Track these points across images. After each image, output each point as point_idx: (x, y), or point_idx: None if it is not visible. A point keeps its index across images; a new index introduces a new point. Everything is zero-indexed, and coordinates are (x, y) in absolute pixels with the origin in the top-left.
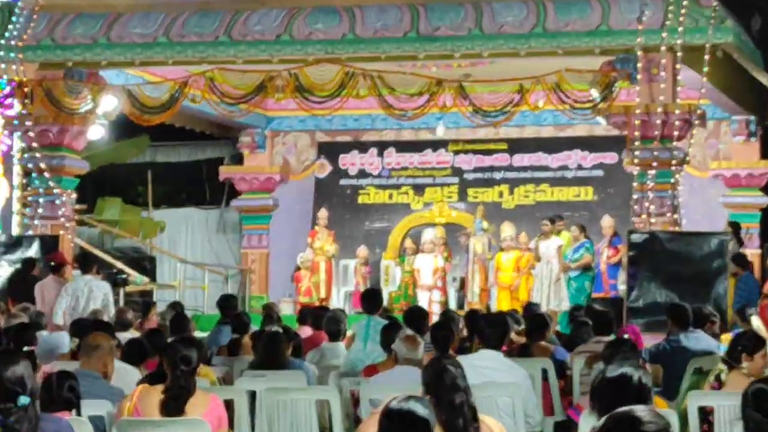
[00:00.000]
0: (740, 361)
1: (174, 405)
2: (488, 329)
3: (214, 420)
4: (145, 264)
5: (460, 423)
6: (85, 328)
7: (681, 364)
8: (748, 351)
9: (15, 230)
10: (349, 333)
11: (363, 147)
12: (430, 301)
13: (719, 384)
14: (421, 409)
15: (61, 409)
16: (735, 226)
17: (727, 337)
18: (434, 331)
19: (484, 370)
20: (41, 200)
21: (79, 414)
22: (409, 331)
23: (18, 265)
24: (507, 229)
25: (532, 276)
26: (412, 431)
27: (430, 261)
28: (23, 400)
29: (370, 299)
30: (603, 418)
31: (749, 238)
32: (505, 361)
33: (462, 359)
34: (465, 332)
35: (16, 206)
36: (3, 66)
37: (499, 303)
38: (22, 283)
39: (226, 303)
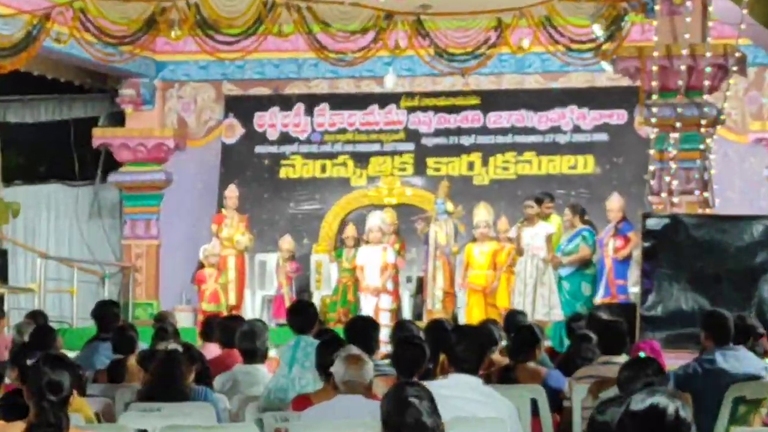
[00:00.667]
0: None
1: None
2: (459, 347)
3: None
4: None
5: None
6: None
7: (717, 391)
8: None
9: None
10: (272, 354)
11: (286, 103)
12: (377, 309)
13: None
14: None
15: None
16: None
17: None
18: (400, 349)
19: (455, 401)
20: None
21: None
22: (353, 349)
23: None
24: (480, 213)
25: (513, 275)
26: None
27: (376, 255)
28: None
29: (301, 315)
30: None
31: None
32: (483, 390)
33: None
34: (426, 351)
35: None
36: None
37: (470, 311)
38: None
39: (105, 312)
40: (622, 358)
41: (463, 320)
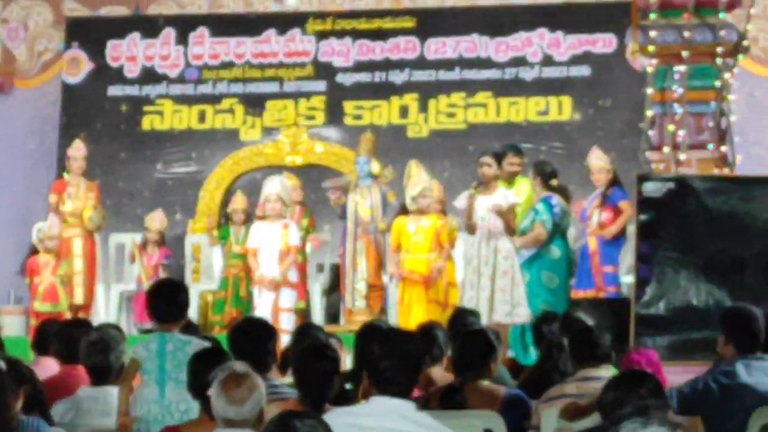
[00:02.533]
0: None
1: None
2: (385, 361)
3: None
4: None
5: None
6: None
7: (738, 414)
8: None
9: None
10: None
11: (151, 27)
12: (276, 309)
13: None
14: None
15: None
16: None
17: None
18: (303, 364)
19: None
20: None
21: None
22: (237, 366)
23: None
24: (417, 175)
25: (451, 261)
26: None
27: (275, 235)
28: None
29: (165, 299)
30: None
31: None
32: (418, 418)
33: (338, 415)
34: (348, 363)
35: None
36: None
37: (407, 310)
38: None
39: None
40: (608, 373)
41: (396, 322)
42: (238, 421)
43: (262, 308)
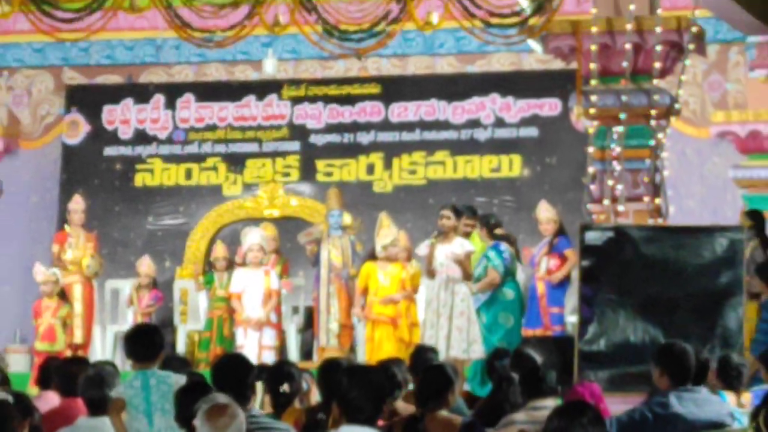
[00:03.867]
0: None
1: None
2: (354, 392)
3: None
4: None
5: None
6: None
7: None
8: None
9: None
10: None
11: (142, 93)
12: (259, 347)
13: None
14: None
15: None
16: (757, 217)
17: (747, 398)
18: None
19: None
20: None
21: None
22: (220, 398)
23: None
24: (388, 227)
25: (414, 304)
26: None
27: (257, 280)
28: None
29: (142, 340)
30: None
31: None
32: None
33: None
34: (316, 397)
35: None
36: None
37: (378, 347)
38: None
39: None
40: (553, 402)
41: (364, 359)
42: None
43: (248, 347)
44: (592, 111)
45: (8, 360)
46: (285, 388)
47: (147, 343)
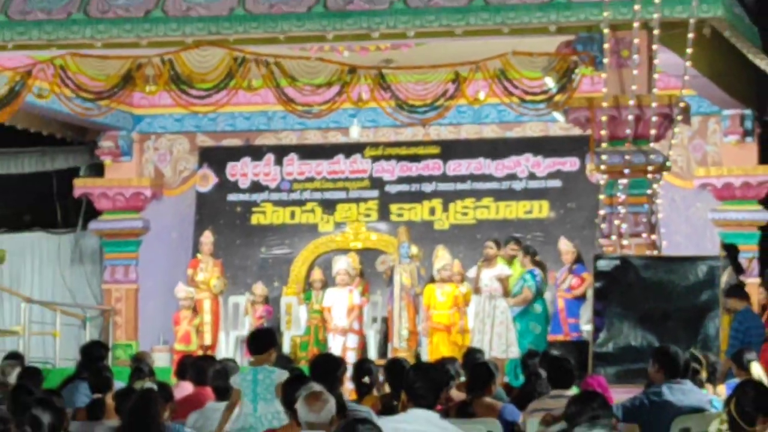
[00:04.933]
0: (752, 424)
1: None
2: (419, 383)
3: None
4: None
5: None
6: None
7: (663, 422)
8: (764, 410)
9: None
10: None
11: (257, 153)
12: (344, 348)
13: None
14: None
15: None
16: (731, 250)
17: (721, 390)
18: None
19: None
20: None
21: None
22: (314, 386)
23: None
24: (441, 256)
25: (465, 316)
26: None
27: (343, 297)
28: None
29: (258, 340)
30: None
31: (749, 263)
32: (441, 424)
33: (386, 422)
34: (388, 388)
35: None
36: None
37: (433, 349)
38: None
39: (93, 352)
40: (572, 392)
41: (426, 358)
42: (317, 424)
43: (335, 348)
44: (602, 167)
45: (154, 357)
46: (366, 380)
47: (263, 339)
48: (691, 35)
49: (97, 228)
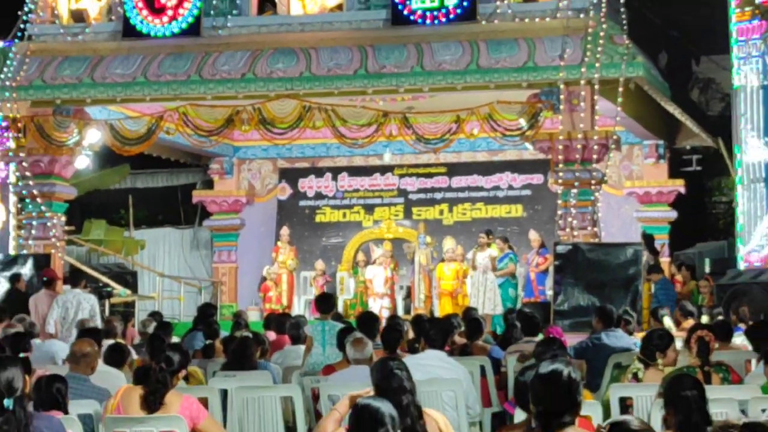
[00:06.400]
0: (654, 358)
1: (152, 399)
2: (432, 332)
3: (189, 415)
4: (128, 278)
5: (408, 421)
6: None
7: (602, 359)
8: (661, 348)
9: (11, 250)
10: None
11: (319, 172)
12: (380, 308)
13: (636, 381)
14: (387, 406)
15: (52, 408)
16: (648, 238)
17: (640, 335)
18: (384, 334)
19: (430, 367)
20: (34, 223)
21: (66, 413)
22: (357, 334)
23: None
24: (448, 243)
25: (464, 285)
26: (378, 425)
27: (380, 272)
28: (7, 402)
29: (322, 302)
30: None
31: (662, 247)
32: (448, 360)
33: (410, 359)
34: (411, 335)
35: (12, 229)
36: None
37: (442, 308)
38: (12, 297)
39: (206, 310)
40: (538, 338)
41: (437, 314)
42: (361, 360)
43: (375, 308)
44: (559, 181)
45: (248, 315)
46: (398, 332)
47: (325, 301)
48: (620, 89)
49: (209, 225)
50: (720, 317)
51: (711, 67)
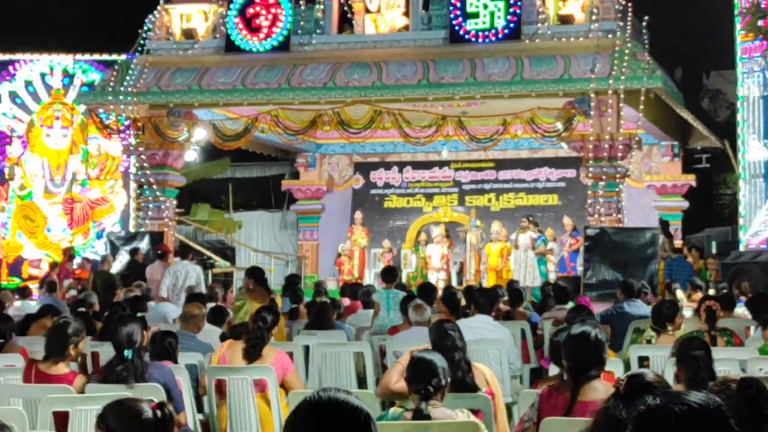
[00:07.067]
0: (665, 327)
1: (252, 351)
2: (481, 299)
3: (279, 368)
4: (227, 252)
5: (459, 374)
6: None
7: (624, 324)
8: (670, 318)
9: (131, 228)
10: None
11: (388, 166)
12: (437, 280)
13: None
14: (440, 358)
15: (164, 358)
16: (664, 224)
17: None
18: (446, 299)
19: (478, 329)
20: (150, 206)
21: (175, 362)
22: (418, 301)
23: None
24: (495, 226)
25: (508, 261)
26: (432, 375)
27: (438, 250)
28: (127, 353)
29: (387, 274)
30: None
31: (675, 232)
32: (494, 323)
33: (462, 322)
34: (463, 302)
35: (132, 210)
36: (122, 107)
37: (489, 281)
38: (132, 267)
39: (292, 280)
40: (569, 306)
41: (485, 285)
42: (421, 322)
43: (432, 280)
44: (590, 175)
45: (327, 284)
46: (457, 299)
47: (390, 273)
48: (642, 98)
49: (295, 209)
50: (725, 291)
51: (719, 80)
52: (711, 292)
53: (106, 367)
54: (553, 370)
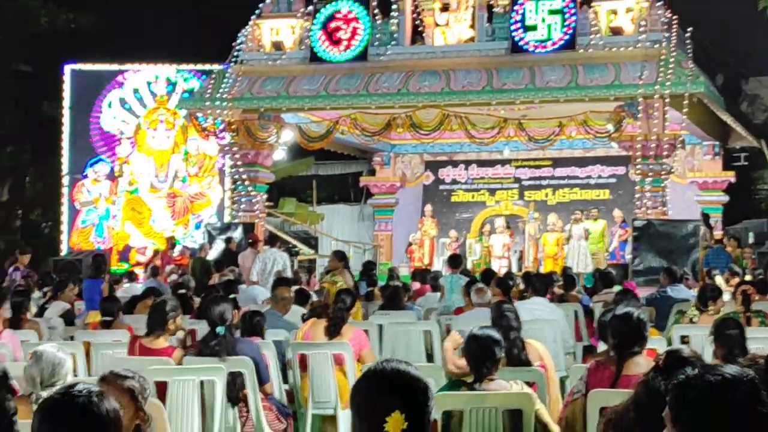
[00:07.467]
0: (707, 306)
1: (333, 329)
2: (538, 284)
3: (356, 344)
4: (311, 242)
5: (514, 351)
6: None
7: (667, 307)
8: (713, 299)
9: (226, 219)
10: (442, 284)
11: (455, 164)
12: (499, 267)
13: (692, 323)
14: (495, 333)
15: (253, 335)
16: (705, 216)
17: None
18: (499, 282)
19: (536, 311)
20: (243, 199)
21: (263, 338)
22: (479, 285)
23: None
24: (551, 218)
25: (563, 250)
26: (488, 349)
27: (500, 239)
28: (220, 329)
29: (453, 260)
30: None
31: (716, 224)
32: (550, 305)
33: (520, 304)
34: (522, 286)
35: (227, 203)
36: (218, 111)
37: (545, 267)
38: (226, 254)
39: (369, 266)
40: (616, 289)
41: (542, 271)
42: (482, 304)
43: (494, 267)
44: (638, 172)
45: (399, 270)
46: (510, 283)
47: (456, 260)
48: (686, 102)
49: (372, 203)
50: (760, 276)
51: (757, 86)
52: (747, 278)
53: (201, 342)
54: (602, 347)
